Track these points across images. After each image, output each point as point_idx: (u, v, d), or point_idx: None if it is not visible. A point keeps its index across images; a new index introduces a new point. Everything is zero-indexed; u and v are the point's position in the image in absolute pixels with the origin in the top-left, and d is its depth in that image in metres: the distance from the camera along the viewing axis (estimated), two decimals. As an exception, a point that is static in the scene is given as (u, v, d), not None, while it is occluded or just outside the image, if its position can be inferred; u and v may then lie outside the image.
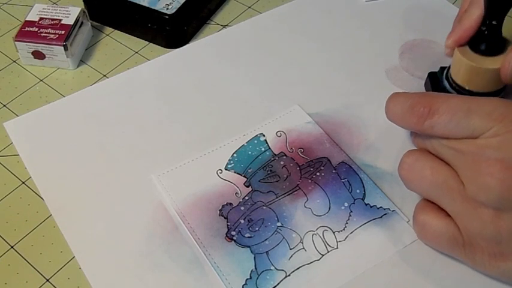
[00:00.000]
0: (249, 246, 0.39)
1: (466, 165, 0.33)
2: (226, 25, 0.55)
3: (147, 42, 0.54)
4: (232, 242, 0.39)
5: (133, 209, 0.41)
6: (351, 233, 0.39)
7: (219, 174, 0.43)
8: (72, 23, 0.51)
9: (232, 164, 0.43)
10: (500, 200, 0.32)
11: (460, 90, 0.42)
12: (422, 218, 0.37)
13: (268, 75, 0.50)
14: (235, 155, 0.44)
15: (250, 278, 0.37)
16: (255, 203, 0.41)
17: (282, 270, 0.38)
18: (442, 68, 0.45)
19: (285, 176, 0.42)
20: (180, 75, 0.50)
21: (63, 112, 0.47)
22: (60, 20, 0.51)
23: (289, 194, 0.41)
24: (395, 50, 0.51)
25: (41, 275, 0.39)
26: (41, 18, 0.51)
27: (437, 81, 0.45)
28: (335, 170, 0.43)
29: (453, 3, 0.56)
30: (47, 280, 0.38)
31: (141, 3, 0.53)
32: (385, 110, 0.38)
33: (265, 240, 0.39)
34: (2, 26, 0.56)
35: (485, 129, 0.33)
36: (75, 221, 0.40)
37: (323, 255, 0.38)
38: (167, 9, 0.52)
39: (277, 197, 0.41)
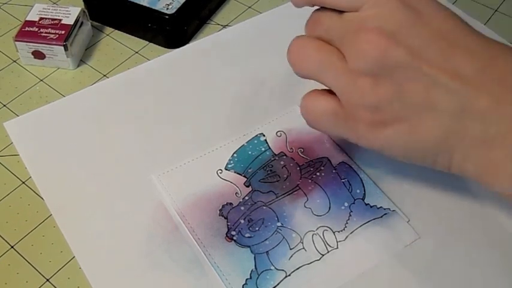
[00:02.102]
0: (249, 246, 0.39)
1: (348, 38, 0.35)
2: (226, 25, 0.55)
3: (147, 42, 0.54)
4: (232, 242, 0.39)
5: (133, 209, 0.41)
6: (351, 233, 0.39)
7: (219, 174, 0.43)
8: (72, 23, 0.51)
9: (232, 164, 0.43)
10: (377, 64, 0.33)
11: None
12: (305, 101, 0.38)
13: (268, 75, 0.50)
14: (235, 155, 0.44)
15: (250, 277, 0.37)
16: (255, 203, 0.41)
17: (282, 270, 0.38)
18: None
19: (285, 176, 0.42)
20: (180, 75, 0.50)
21: (63, 112, 0.47)
22: (60, 20, 0.51)
23: (289, 194, 0.41)
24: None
25: (41, 275, 0.39)
26: (41, 18, 0.51)
27: None
28: (335, 170, 0.43)
29: (453, 3, 0.56)
30: (47, 280, 0.38)
31: (141, 3, 0.53)
32: None
33: (265, 240, 0.39)
34: (2, 26, 0.56)
35: (365, 1, 0.34)
36: (75, 221, 0.40)
37: (323, 255, 0.38)
38: (167, 9, 0.52)
39: (277, 197, 0.41)
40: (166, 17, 0.52)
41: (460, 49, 0.33)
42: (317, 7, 0.38)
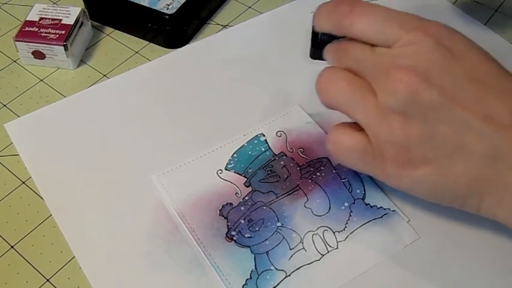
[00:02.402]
0: (249, 246, 0.39)
1: (379, 73, 0.34)
2: (226, 25, 0.55)
3: (147, 42, 0.54)
4: (233, 242, 0.39)
5: (133, 209, 0.41)
6: (351, 233, 0.39)
7: (219, 174, 0.43)
8: (72, 23, 0.51)
9: (233, 164, 0.43)
10: (407, 103, 0.33)
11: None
12: (334, 136, 0.37)
13: (269, 75, 0.50)
14: (235, 155, 0.44)
15: (251, 278, 0.37)
16: (255, 203, 0.41)
17: (282, 270, 0.38)
18: None
19: (285, 176, 0.42)
20: (180, 75, 0.50)
21: (64, 113, 0.47)
22: (61, 20, 0.51)
23: (289, 194, 0.41)
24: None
25: (41, 275, 0.39)
26: (41, 18, 0.51)
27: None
28: (335, 170, 0.43)
29: (453, 3, 0.56)
30: (47, 280, 0.38)
31: (141, 3, 0.53)
32: (314, 15, 0.38)
33: (266, 240, 0.39)
34: (2, 26, 0.56)
35: (398, 38, 0.34)
36: (75, 221, 0.40)
37: (323, 255, 0.38)
38: (167, 9, 0.52)
39: (277, 197, 0.41)
40: (166, 17, 0.52)
41: (495, 91, 0.32)
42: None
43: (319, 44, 0.46)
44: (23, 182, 0.43)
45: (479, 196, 0.34)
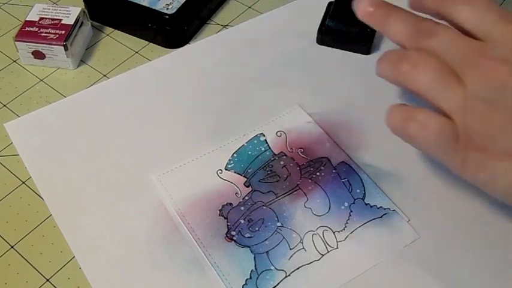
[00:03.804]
0: (249, 246, 0.39)
1: (469, 62, 0.33)
2: (226, 25, 0.55)
3: (147, 42, 0.54)
4: (232, 242, 0.39)
5: (133, 209, 0.41)
6: (351, 232, 0.39)
7: (219, 174, 0.43)
8: (72, 23, 0.51)
9: (232, 164, 0.43)
10: (498, 93, 0.32)
11: None
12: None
13: (269, 75, 0.50)
14: (235, 155, 0.44)
15: (250, 278, 0.37)
16: (255, 203, 0.41)
17: (282, 270, 0.38)
18: None
19: (285, 176, 0.42)
20: (180, 75, 0.50)
21: (64, 113, 0.47)
22: (61, 20, 0.51)
23: (289, 194, 0.41)
24: (396, 48, 0.51)
25: (41, 275, 0.39)
26: (41, 18, 0.51)
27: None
28: (335, 169, 0.43)
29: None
30: (47, 280, 0.38)
31: (141, 3, 0.53)
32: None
33: (265, 240, 0.39)
34: (2, 26, 0.56)
35: (494, 30, 0.33)
36: (75, 221, 0.40)
37: (323, 255, 0.38)
38: (167, 9, 0.52)
39: (277, 197, 0.41)
40: (166, 17, 0.52)
41: None
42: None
43: (326, 30, 0.47)
44: (23, 182, 0.43)
45: None
